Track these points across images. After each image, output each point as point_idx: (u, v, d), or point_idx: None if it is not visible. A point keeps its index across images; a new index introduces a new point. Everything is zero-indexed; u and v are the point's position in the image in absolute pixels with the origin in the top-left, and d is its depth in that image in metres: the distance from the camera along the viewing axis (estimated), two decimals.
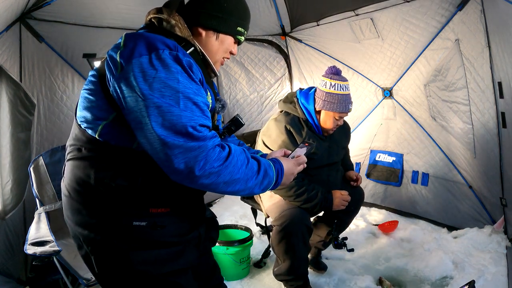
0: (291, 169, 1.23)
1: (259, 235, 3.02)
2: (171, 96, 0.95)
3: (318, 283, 2.38)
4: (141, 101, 0.95)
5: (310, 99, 2.16)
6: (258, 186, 1.11)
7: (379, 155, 3.54)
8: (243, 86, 4.04)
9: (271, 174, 1.14)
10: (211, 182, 1.00)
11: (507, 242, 2.53)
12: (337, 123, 2.17)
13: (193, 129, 0.97)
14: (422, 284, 2.34)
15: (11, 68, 2.24)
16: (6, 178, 2.15)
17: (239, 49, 3.91)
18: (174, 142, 0.95)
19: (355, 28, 3.18)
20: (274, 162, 1.19)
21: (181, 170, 0.97)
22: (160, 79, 0.95)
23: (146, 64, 0.95)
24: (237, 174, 1.04)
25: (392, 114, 3.42)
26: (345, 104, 2.10)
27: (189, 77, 1.00)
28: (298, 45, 3.80)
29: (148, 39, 0.99)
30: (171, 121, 0.95)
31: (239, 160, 1.05)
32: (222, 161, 1.01)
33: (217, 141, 1.03)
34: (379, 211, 3.49)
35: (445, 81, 2.82)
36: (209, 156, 0.98)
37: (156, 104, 0.94)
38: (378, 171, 3.52)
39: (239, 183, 1.05)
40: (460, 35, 2.62)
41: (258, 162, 1.13)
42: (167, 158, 0.96)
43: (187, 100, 0.97)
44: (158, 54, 0.97)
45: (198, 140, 0.97)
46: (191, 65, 1.02)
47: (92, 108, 1.05)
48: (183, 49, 1.07)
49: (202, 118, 1.00)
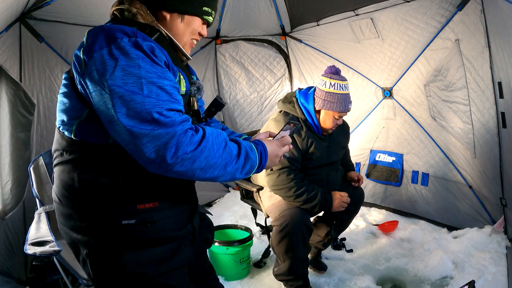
0: (275, 151, 1.17)
1: (259, 235, 3.02)
2: (133, 83, 0.92)
3: (318, 283, 2.38)
4: (105, 94, 0.93)
5: (309, 98, 2.16)
6: (239, 171, 1.05)
7: (379, 155, 3.54)
8: (243, 86, 4.04)
9: (253, 157, 1.08)
10: (187, 169, 0.95)
11: (507, 242, 2.53)
12: (337, 123, 2.17)
13: (159, 114, 0.92)
14: (422, 284, 2.34)
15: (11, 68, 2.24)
16: (6, 178, 2.15)
17: (239, 49, 3.91)
18: (141, 131, 0.91)
19: (355, 28, 3.18)
20: (256, 144, 1.12)
21: (153, 159, 0.93)
22: (121, 67, 0.92)
23: (106, 56, 0.93)
24: (214, 158, 0.98)
25: (392, 114, 3.42)
26: (345, 103, 2.10)
27: (151, 61, 0.96)
28: (298, 45, 3.80)
29: (106, 31, 0.98)
30: (135, 109, 0.91)
31: (215, 143, 0.99)
32: (195, 146, 0.95)
33: (188, 124, 0.97)
34: (379, 211, 3.49)
35: (445, 81, 2.82)
36: (180, 141, 0.93)
37: (118, 94, 0.91)
38: (378, 171, 3.52)
39: (217, 168, 1.00)
40: (460, 35, 2.62)
41: (238, 145, 1.06)
42: (138, 148, 0.93)
43: (151, 85, 0.94)
44: (117, 43, 0.95)
45: (166, 126, 0.92)
46: (152, 49, 0.98)
47: (67, 110, 1.05)
48: (148, 35, 1.05)
49: (169, 102, 0.96)
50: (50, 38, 2.50)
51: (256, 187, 2.36)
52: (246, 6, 3.46)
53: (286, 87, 4.05)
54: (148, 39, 1.01)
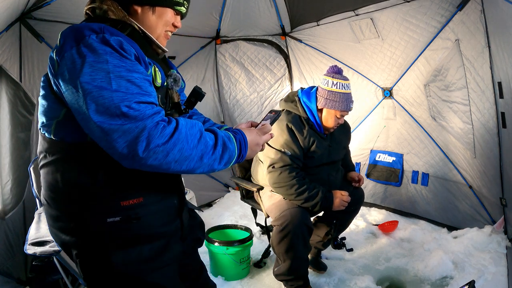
0: (255, 139, 1.14)
1: (259, 235, 3.02)
2: (102, 78, 0.92)
3: (318, 283, 2.38)
4: (75, 92, 0.93)
5: (312, 97, 2.18)
6: (217, 162, 1.03)
7: (379, 155, 3.54)
8: (243, 86, 4.04)
9: (231, 147, 1.05)
10: (160, 162, 0.94)
11: (507, 242, 2.53)
12: (338, 122, 2.19)
13: (128, 108, 0.92)
14: (422, 284, 2.34)
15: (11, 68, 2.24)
16: (6, 178, 2.15)
17: (239, 49, 3.91)
18: (111, 126, 0.91)
19: (355, 28, 3.18)
20: (235, 133, 1.09)
21: (126, 155, 0.92)
22: (89, 64, 0.93)
23: (75, 54, 0.95)
24: (188, 150, 0.96)
25: (392, 114, 3.42)
26: (347, 102, 2.13)
27: (120, 55, 0.96)
28: (298, 45, 3.80)
29: (75, 30, 0.99)
30: (104, 104, 0.91)
31: (190, 134, 0.97)
32: (167, 138, 0.93)
33: (159, 117, 0.96)
34: (379, 211, 3.49)
35: (445, 81, 2.82)
36: (151, 135, 0.92)
37: (87, 91, 0.92)
38: (378, 171, 3.53)
39: (192, 160, 0.98)
40: (460, 35, 2.63)
41: (215, 135, 1.04)
42: (110, 145, 0.92)
43: (120, 79, 0.93)
44: (84, 41, 0.95)
45: (135, 120, 0.91)
46: (120, 43, 0.98)
47: (46, 111, 1.06)
48: (120, 30, 1.06)
49: (139, 94, 0.95)
50: (50, 38, 2.50)
51: (256, 187, 2.36)
52: (246, 6, 3.46)
53: (286, 87, 4.05)
54: (116, 34, 1.01)
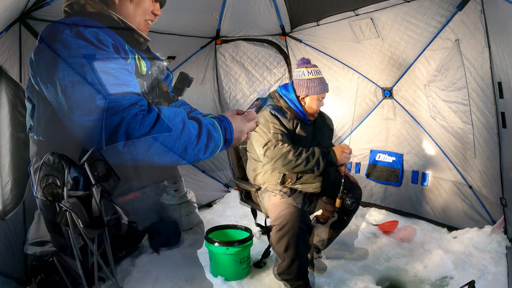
0: (240, 126, 1.08)
1: (259, 235, 3.02)
2: (77, 73, 0.90)
3: (318, 283, 2.38)
4: (53, 90, 0.93)
5: (289, 88, 2.37)
6: (202, 152, 0.97)
7: (379, 155, 3.54)
8: (243, 86, 4.03)
9: (215, 135, 0.99)
10: (143, 155, 0.89)
11: (507, 242, 2.53)
12: (321, 104, 2.39)
13: (103, 100, 0.88)
14: (422, 284, 2.34)
15: (11, 68, 2.24)
16: (6, 178, 2.14)
17: (239, 49, 3.91)
18: (88, 122, 0.88)
19: (355, 28, 3.18)
20: (220, 121, 1.04)
21: (107, 149, 0.88)
22: (64, 59, 0.92)
23: (51, 52, 0.94)
24: (171, 142, 0.90)
25: (392, 114, 3.42)
26: (324, 85, 2.35)
27: (95, 47, 0.94)
28: (298, 45, 3.80)
29: (51, 28, 0.99)
30: (79, 99, 0.89)
31: (172, 125, 0.91)
32: (147, 129, 0.87)
33: (136, 108, 0.89)
34: (379, 211, 3.49)
35: (445, 81, 2.82)
36: (130, 127, 0.86)
37: (63, 87, 0.90)
38: (378, 171, 3.52)
39: (176, 152, 0.92)
40: (460, 35, 2.62)
41: (199, 123, 0.98)
42: (91, 140, 0.89)
43: (95, 72, 0.90)
44: (59, 37, 0.94)
45: (112, 113, 0.87)
46: (96, 34, 0.97)
47: (32, 113, 1.07)
48: (100, 22, 1.05)
49: (116, 85, 0.91)
50: None
51: (256, 187, 2.36)
52: (246, 6, 3.46)
53: None
54: (92, 25, 1.00)
